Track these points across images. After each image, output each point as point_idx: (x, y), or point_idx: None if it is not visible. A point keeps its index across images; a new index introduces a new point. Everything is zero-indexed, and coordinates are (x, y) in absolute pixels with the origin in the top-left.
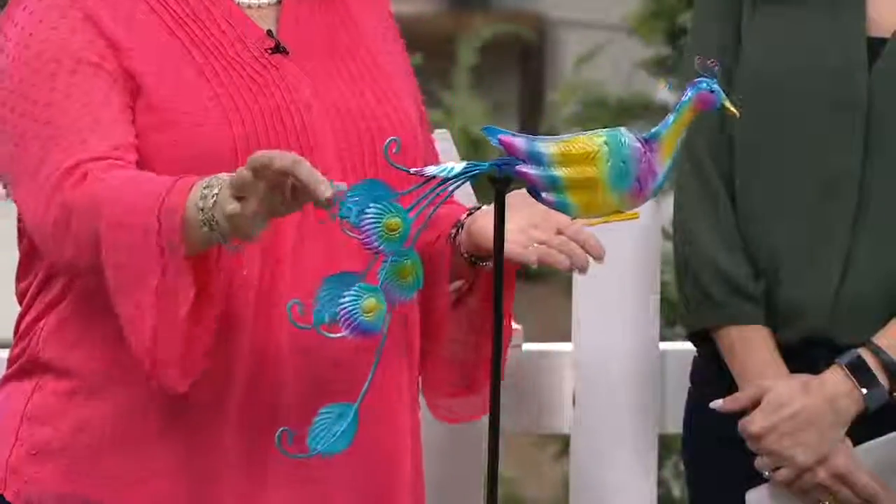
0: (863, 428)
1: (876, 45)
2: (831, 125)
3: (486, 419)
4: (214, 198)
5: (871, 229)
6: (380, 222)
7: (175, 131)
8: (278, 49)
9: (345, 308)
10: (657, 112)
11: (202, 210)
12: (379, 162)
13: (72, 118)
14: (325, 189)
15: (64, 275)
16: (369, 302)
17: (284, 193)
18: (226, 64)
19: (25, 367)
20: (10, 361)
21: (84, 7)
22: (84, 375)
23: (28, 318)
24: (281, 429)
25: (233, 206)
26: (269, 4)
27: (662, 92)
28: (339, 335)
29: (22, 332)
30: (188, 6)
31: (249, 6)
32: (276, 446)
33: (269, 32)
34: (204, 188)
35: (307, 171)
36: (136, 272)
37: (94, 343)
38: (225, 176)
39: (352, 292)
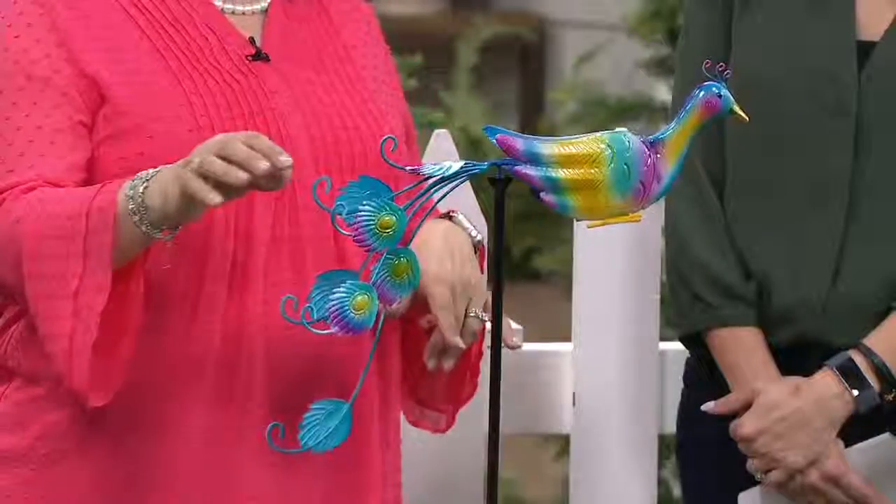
0: (854, 430)
1: (865, 49)
2: (821, 128)
3: (486, 420)
4: (146, 185)
5: (861, 231)
6: (373, 220)
7: (143, 138)
8: (259, 56)
9: (335, 304)
10: (657, 112)
11: (131, 198)
12: (357, 170)
13: (7, 143)
14: (286, 159)
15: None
16: (360, 299)
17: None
18: (202, 70)
19: None
20: None
21: (53, 16)
22: (48, 382)
23: None
24: (272, 423)
25: (214, 196)
26: (254, 13)
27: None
28: (328, 332)
29: None
30: (169, 12)
31: (234, 13)
32: (268, 442)
33: (251, 39)
34: (133, 179)
35: (266, 143)
36: (55, 280)
37: None
38: (150, 170)
39: (342, 289)
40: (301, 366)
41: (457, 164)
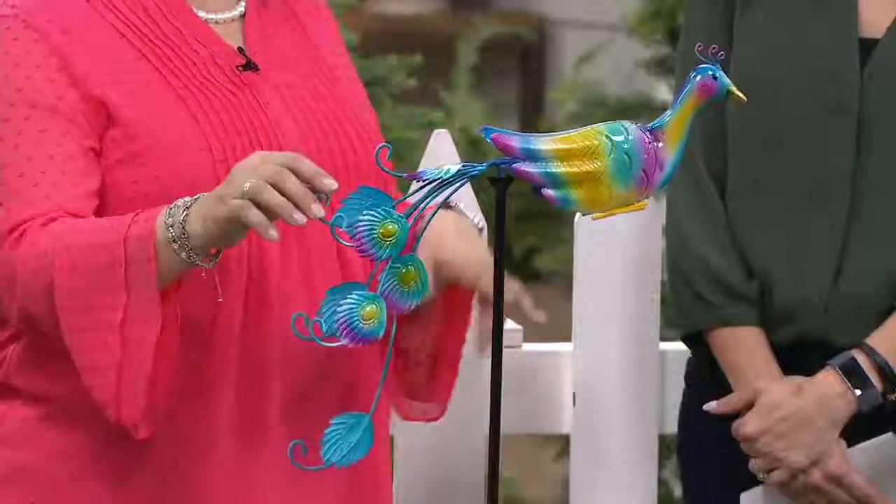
0: (857, 429)
1: (868, 46)
2: (823, 126)
3: (486, 420)
4: (186, 212)
5: (863, 229)
6: (374, 229)
7: (154, 160)
8: (249, 66)
9: (343, 316)
10: (658, 112)
11: (171, 226)
12: (352, 175)
13: (18, 173)
14: (331, 182)
15: (17, 327)
16: (368, 309)
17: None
18: (200, 86)
19: None
20: None
21: (50, 41)
22: (58, 402)
23: None
24: (294, 441)
25: (275, 233)
26: (233, 19)
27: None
28: (337, 344)
29: None
30: (158, 28)
31: (216, 22)
32: (290, 459)
33: (240, 49)
34: (171, 208)
35: (309, 166)
36: (93, 312)
37: (66, 370)
38: (188, 198)
39: (350, 300)
40: (320, 381)
41: (455, 167)
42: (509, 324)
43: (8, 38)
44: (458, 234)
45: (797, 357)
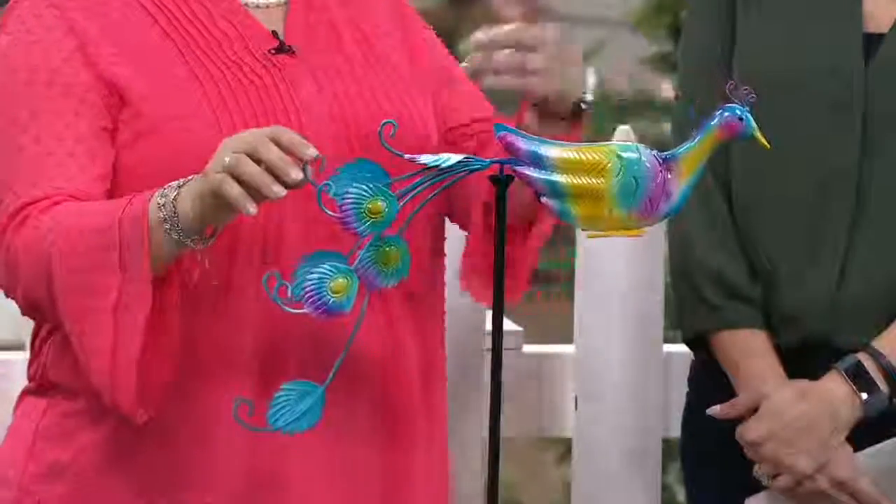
0: (863, 433)
1: (873, 41)
2: (828, 125)
3: (486, 422)
4: (177, 192)
5: (869, 230)
6: (361, 204)
7: (160, 137)
8: (282, 49)
9: (311, 284)
10: (660, 109)
11: (162, 206)
12: (385, 157)
13: (28, 155)
14: (312, 150)
15: (25, 312)
16: (339, 282)
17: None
18: (221, 65)
19: (39, 386)
20: (29, 379)
21: (70, 19)
22: (82, 393)
23: (39, 339)
24: (237, 398)
25: (253, 208)
26: (276, 5)
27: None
28: (301, 311)
29: (35, 351)
30: (187, 7)
31: (257, 6)
32: (234, 417)
33: (274, 32)
34: (165, 188)
35: (288, 137)
36: (90, 295)
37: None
38: (181, 179)
39: (321, 270)
40: (338, 347)
41: (456, 157)
42: (510, 325)
43: (30, 16)
44: None
45: (802, 360)
